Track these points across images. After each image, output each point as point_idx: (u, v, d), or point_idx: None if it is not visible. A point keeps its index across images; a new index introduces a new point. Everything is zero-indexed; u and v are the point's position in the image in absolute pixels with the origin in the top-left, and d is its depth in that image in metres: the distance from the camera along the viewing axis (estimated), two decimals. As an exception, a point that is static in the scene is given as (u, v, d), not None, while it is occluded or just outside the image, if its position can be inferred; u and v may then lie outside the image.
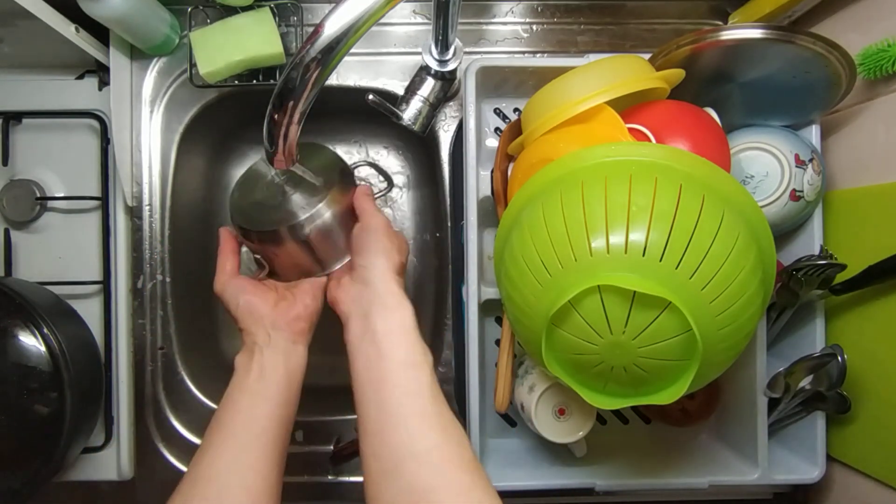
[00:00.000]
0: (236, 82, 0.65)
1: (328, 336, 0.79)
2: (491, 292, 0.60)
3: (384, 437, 0.43)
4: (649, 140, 0.51)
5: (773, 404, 0.60)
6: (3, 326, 0.57)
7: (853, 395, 0.56)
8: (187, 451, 0.67)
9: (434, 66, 0.62)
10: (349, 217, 0.55)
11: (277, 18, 0.63)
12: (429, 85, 0.64)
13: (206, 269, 0.76)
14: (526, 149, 0.55)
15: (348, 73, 0.68)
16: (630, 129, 0.50)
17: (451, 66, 0.63)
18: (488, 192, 0.62)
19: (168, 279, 0.68)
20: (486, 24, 0.69)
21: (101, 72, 0.66)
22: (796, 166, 0.55)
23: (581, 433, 0.57)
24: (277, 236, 0.53)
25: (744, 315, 0.42)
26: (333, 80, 0.68)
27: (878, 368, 0.55)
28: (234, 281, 0.53)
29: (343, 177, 0.55)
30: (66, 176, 0.67)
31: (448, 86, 0.65)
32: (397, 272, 0.49)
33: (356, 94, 0.66)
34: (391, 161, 0.81)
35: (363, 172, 0.79)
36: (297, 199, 0.54)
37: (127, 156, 0.66)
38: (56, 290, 0.65)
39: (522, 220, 0.48)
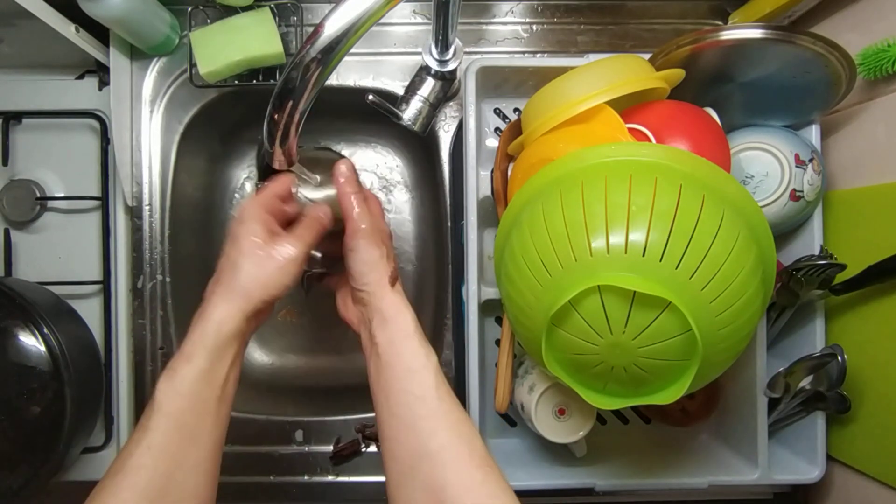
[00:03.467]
0: (236, 82, 0.65)
1: (328, 338, 0.80)
2: (491, 292, 0.60)
3: (398, 441, 0.44)
4: (649, 140, 0.51)
5: (773, 404, 0.60)
6: (3, 326, 0.57)
7: (853, 395, 0.56)
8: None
9: (434, 66, 0.62)
10: None
11: (277, 18, 0.63)
12: (429, 85, 0.64)
13: (206, 269, 0.76)
14: (526, 149, 0.55)
15: (348, 73, 0.68)
16: (630, 129, 0.50)
17: (451, 66, 0.63)
18: (488, 192, 0.62)
19: (168, 279, 0.68)
20: (486, 24, 0.69)
21: (101, 72, 0.66)
22: (796, 166, 0.55)
23: (581, 433, 0.57)
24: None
25: (744, 315, 0.42)
26: (333, 80, 0.68)
27: (878, 368, 0.55)
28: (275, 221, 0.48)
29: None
30: (66, 176, 0.67)
31: (448, 86, 0.65)
32: (391, 279, 0.49)
33: (356, 94, 0.66)
34: (391, 161, 0.81)
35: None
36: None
37: (127, 156, 0.66)
38: (56, 290, 0.65)
39: (522, 220, 0.48)
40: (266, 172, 0.51)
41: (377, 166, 0.80)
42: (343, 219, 0.50)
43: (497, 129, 0.66)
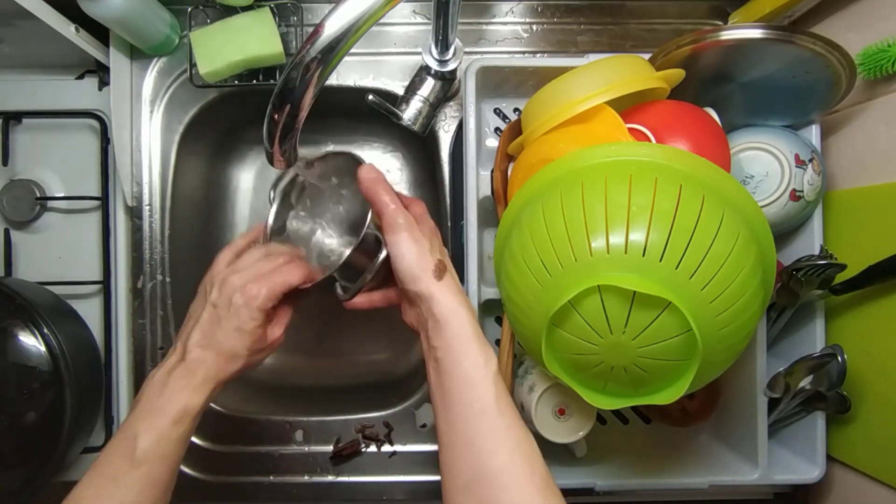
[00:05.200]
0: (236, 82, 0.65)
1: (328, 338, 0.80)
2: (491, 292, 0.60)
3: (456, 454, 0.43)
4: (649, 140, 0.51)
5: (773, 404, 0.60)
6: (3, 326, 0.57)
7: (853, 395, 0.56)
8: (187, 451, 0.66)
9: (434, 66, 0.62)
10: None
11: (277, 18, 0.63)
12: (429, 85, 0.64)
13: (205, 269, 0.77)
14: (526, 149, 0.55)
15: (348, 73, 0.68)
16: (630, 129, 0.50)
17: (451, 66, 0.63)
18: (488, 192, 0.62)
19: (168, 279, 0.68)
20: (486, 24, 0.69)
21: (101, 72, 0.66)
22: (796, 166, 0.55)
23: (581, 433, 0.57)
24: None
25: (744, 315, 0.42)
26: (333, 80, 0.68)
27: (878, 368, 0.55)
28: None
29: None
30: (66, 176, 0.67)
31: (448, 86, 0.65)
32: (436, 273, 0.46)
33: (356, 94, 0.66)
34: (391, 161, 0.81)
35: None
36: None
37: (127, 156, 0.66)
38: (56, 290, 0.65)
39: (522, 220, 0.48)
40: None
41: (377, 166, 0.80)
42: (379, 220, 0.48)
43: (497, 129, 0.66)
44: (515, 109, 0.66)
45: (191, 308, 0.50)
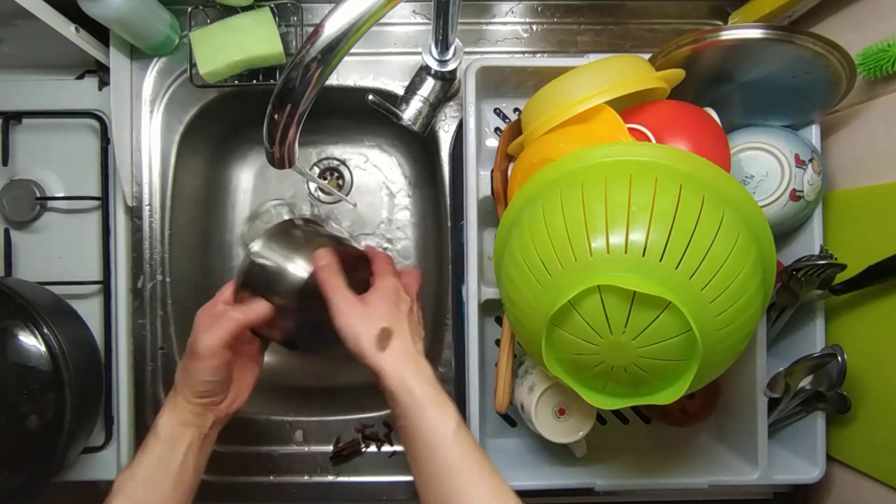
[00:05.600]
0: (236, 82, 0.65)
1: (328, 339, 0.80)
2: (491, 292, 0.60)
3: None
4: (649, 140, 0.51)
5: (773, 404, 0.60)
6: (3, 326, 0.57)
7: (853, 395, 0.56)
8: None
9: (434, 66, 0.62)
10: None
11: (277, 18, 0.63)
12: (429, 85, 0.64)
13: (206, 269, 0.77)
14: (526, 149, 0.55)
15: (348, 73, 0.68)
16: (630, 129, 0.50)
17: (451, 66, 0.63)
18: (488, 192, 0.62)
19: (168, 279, 0.68)
20: (486, 24, 0.69)
21: (101, 72, 0.66)
22: (796, 166, 0.55)
23: (581, 433, 0.57)
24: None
25: (744, 315, 0.42)
26: (333, 80, 0.68)
27: (878, 368, 0.55)
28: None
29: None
30: (66, 176, 0.67)
31: (448, 86, 0.65)
32: (380, 343, 0.46)
33: (356, 94, 0.66)
34: (391, 161, 0.81)
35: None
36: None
37: (127, 156, 0.66)
38: (56, 290, 0.65)
39: (522, 220, 0.48)
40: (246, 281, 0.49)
41: (377, 166, 0.80)
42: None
43: (497, 129, 0.66)
44: (515, 109, 0.66)
45: None
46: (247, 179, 0.80)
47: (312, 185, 0.80)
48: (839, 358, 0.55)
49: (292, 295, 0.49)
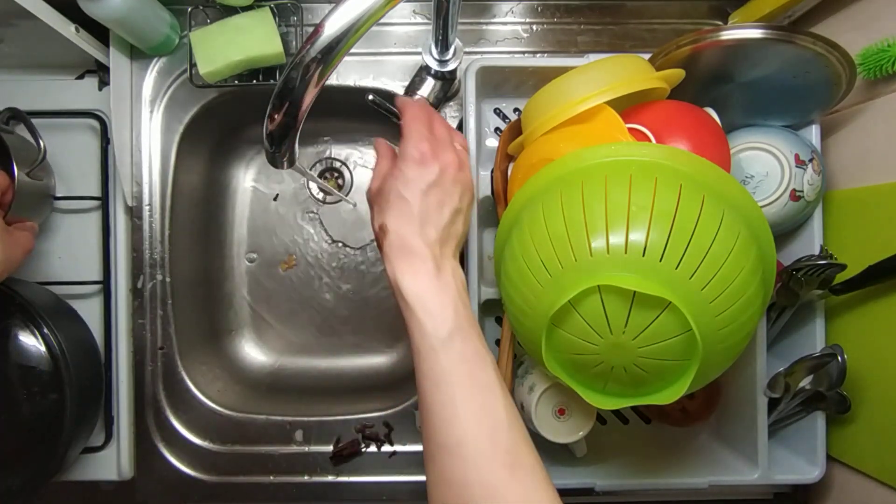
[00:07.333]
0: (236, 82, 0.65)
1: (328, 338, 0.80)
2: (491, 292, 0.60)
3: (425, 422, 0.42)
4: (649, 140, 0.51)
5: (773, 404, 0.60)
6: (3, 326, 0.57)
7: (853, 395, 0.56)
8: (187, 451, 0.67)
9: (434, 66, 0.62)
10: None
11: (277, 18, 0.63)
12: (429, 85, 0.64)
13: (205, 269, 0.77)
14: (526, 149, 0.55)
15: (348, 73, 0.68)
16: (630, 129, 0.50)
17: (451, 66, 0.63)
18: (488, 192, 0.61)
19: (168, 279, 0.68)
20: (486, 24, 0.69)
21: (101, 72, 0.66)
22: (796, 166, 0.55)
23: (581, 433, 0.57)
24: None
25: (744, 315, 0.42)
26: (333, 80, 0.68)
27: (878, 368, 0.55)
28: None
29: None
30: (65, 176, 0.67)
31: (448, 86, 0.65)
32: (378, 239, 0.45)
33: (356, 94, 0.66)
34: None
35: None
36: None
37: (127, 156, 0.66)
38: (56, 290, 0.65)
39: (522, 220, 0.48)
40: None
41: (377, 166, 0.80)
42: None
43: (497, 129, 0.66)
44: (515, 109, 0.66)
45: None
46: (247, 179, 0.80)
47: (312, 185, 0.80)
48: (839, 358, 0.56)
49: None
